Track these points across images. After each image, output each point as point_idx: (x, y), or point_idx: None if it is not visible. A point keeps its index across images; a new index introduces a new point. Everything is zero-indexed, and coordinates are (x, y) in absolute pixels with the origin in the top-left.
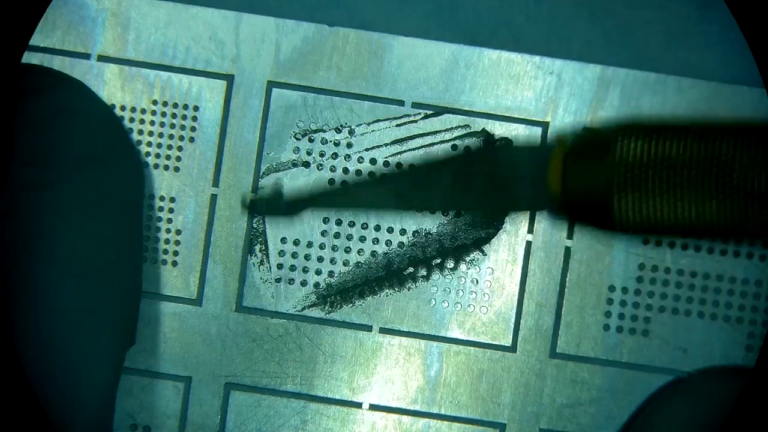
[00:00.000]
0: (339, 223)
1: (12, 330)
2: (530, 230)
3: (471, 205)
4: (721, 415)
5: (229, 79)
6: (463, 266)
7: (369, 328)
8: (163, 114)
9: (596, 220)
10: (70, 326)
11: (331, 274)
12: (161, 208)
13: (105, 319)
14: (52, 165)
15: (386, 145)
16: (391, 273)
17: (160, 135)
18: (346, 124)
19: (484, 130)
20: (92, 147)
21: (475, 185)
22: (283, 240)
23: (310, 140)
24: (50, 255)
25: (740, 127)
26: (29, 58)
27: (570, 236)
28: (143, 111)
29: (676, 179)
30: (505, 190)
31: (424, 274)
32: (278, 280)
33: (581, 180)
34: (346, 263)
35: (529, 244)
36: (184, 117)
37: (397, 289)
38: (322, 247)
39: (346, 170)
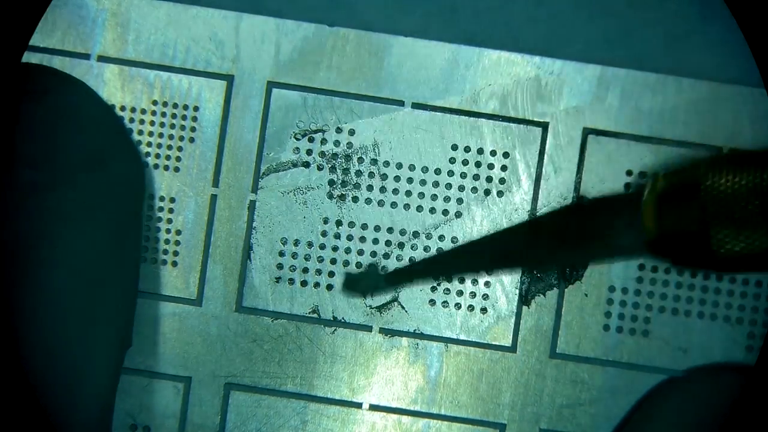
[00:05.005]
0: (339, 223)
1: (14, 332)
2: None
3: (570, 259)
4: (717, 414)
5: (229, 79)
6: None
7: (369, 328)
8: (163, 114)
9: (698, 258)
10: (72, 328)
11: (331, 274)
12: (161, 208)
13: (106, 320)
14: (54, 168)
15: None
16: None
17: (160, 135)
18: (346, 124)
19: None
20: (95, 149)
21: (568, 240)
22: (283, 240)
23: (310, 140)
24: (52, 258)
25: None
26: (29, 58)
27: None
28: (143, 111)
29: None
30: (599, 240)
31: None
32: (278, 280)
33: (676, 221)
34: (346, 263)
35: None
36: (184, 117)
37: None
38: (322, 247)
39: (346, 171)
